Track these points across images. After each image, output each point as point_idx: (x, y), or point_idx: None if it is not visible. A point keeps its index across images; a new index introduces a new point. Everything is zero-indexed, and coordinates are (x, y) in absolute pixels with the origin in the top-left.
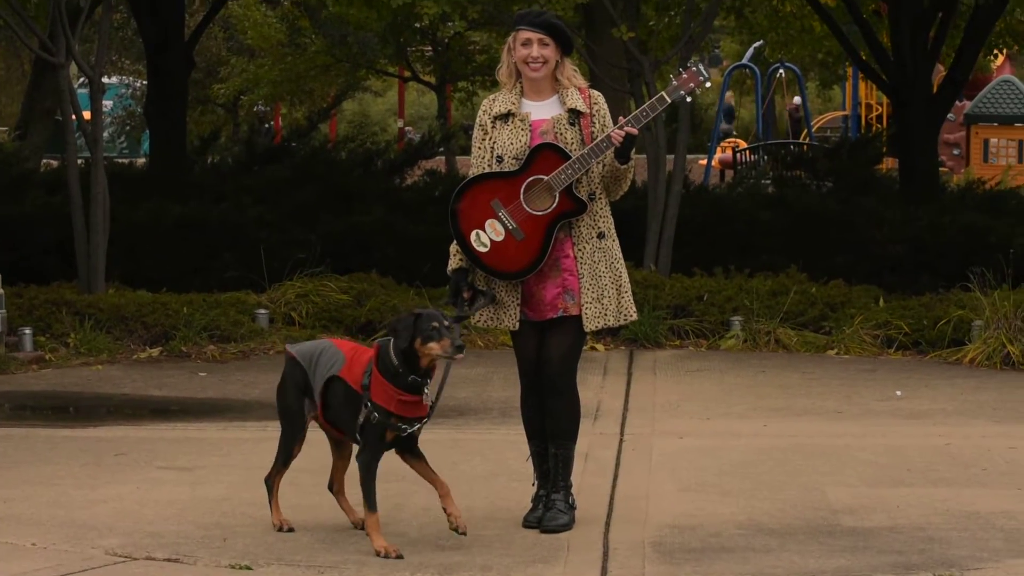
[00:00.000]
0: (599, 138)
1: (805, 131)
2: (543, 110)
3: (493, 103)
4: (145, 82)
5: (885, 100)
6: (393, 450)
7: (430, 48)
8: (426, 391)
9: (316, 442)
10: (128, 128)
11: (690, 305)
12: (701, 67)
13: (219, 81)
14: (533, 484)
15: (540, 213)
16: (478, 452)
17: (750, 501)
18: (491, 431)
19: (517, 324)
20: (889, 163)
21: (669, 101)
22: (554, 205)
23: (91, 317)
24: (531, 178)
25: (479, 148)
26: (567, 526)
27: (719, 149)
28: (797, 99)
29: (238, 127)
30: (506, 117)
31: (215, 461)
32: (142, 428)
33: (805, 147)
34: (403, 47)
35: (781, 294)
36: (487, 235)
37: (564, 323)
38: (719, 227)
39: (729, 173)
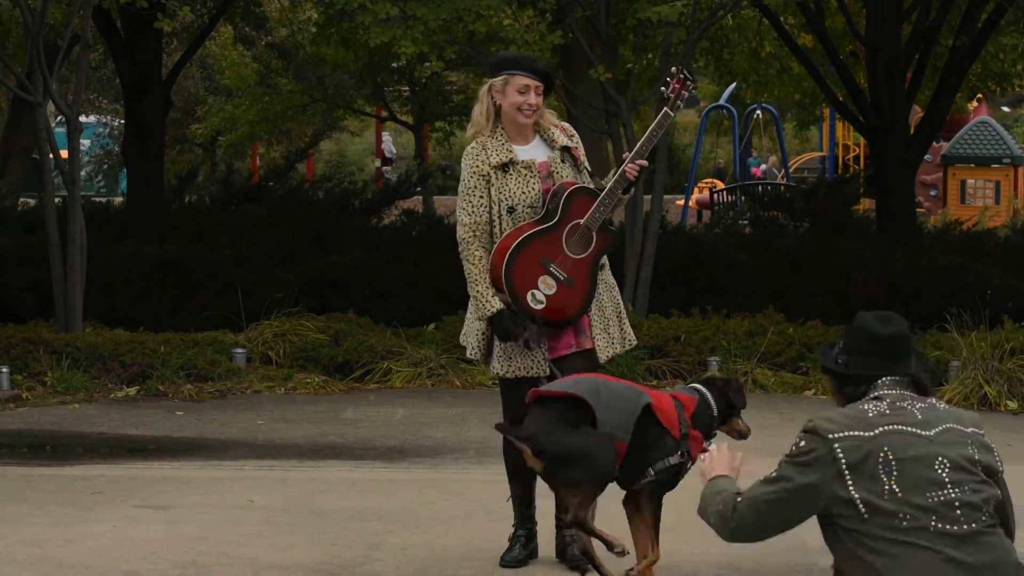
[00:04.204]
0: (614, 173)
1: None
2: (535, 153)
3: (486, 152)
4: (123, 121)
5: (862, 141)
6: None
7: (407, 88)
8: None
9: (292, 481)
10: (106, 167)
11: (667, 346)
12: (684, 72)
13: (196, 120)
14: (513, 526)
15: (583, 256)
16: (455, 492)
17: None
18: (468, 471)
19: (547, 370)
20: (866, 204)
21: (673, 115)
22: (593, 244)
23: (68, 356)
24: (569, 225)
25: (481, 197)
26: None
27: (696, 190)
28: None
29: (215, 166)
30: (505, 167)
31: (192, 500)
32: (119, 467)
33: (783, 188)
34: (380, 87)
35: (758, 335)
36: (541, 292)
37: (578, 358)
38: (696, 268)
39: (706, 214)
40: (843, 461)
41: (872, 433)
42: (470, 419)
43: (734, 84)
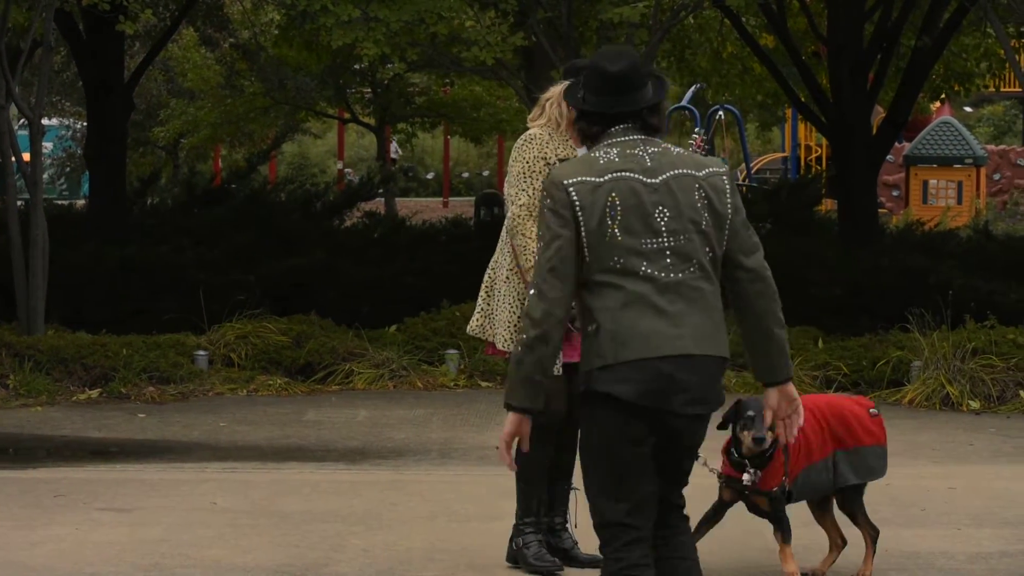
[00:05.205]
0: None
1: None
2: None
3: (550, 145)
4: (85, 124)
5: (824, 142)
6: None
7: (369, 90)
8: (748, 471)
9: (254, 483)
10: (68, 170)
11: None
12: (704, 134)
13: (159, 123)
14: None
15: None
16: (417, 493)
17: None
18: (430, 472)
19: (560, 369)
20: (828, 205)
21: None
22: None
23: (31, 359)
24: None
25: (540, 183)
26: None
27: None
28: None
29: (178, 168)
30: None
31: (154, 502)
32: (81, 469)
33: (744, 189)
34: (343, 89)
35: None
36: None
37: None
38: None
39: None
40: (577, 203)
41: (602, 179)
42: (432, 420)
43: (696, 85)
